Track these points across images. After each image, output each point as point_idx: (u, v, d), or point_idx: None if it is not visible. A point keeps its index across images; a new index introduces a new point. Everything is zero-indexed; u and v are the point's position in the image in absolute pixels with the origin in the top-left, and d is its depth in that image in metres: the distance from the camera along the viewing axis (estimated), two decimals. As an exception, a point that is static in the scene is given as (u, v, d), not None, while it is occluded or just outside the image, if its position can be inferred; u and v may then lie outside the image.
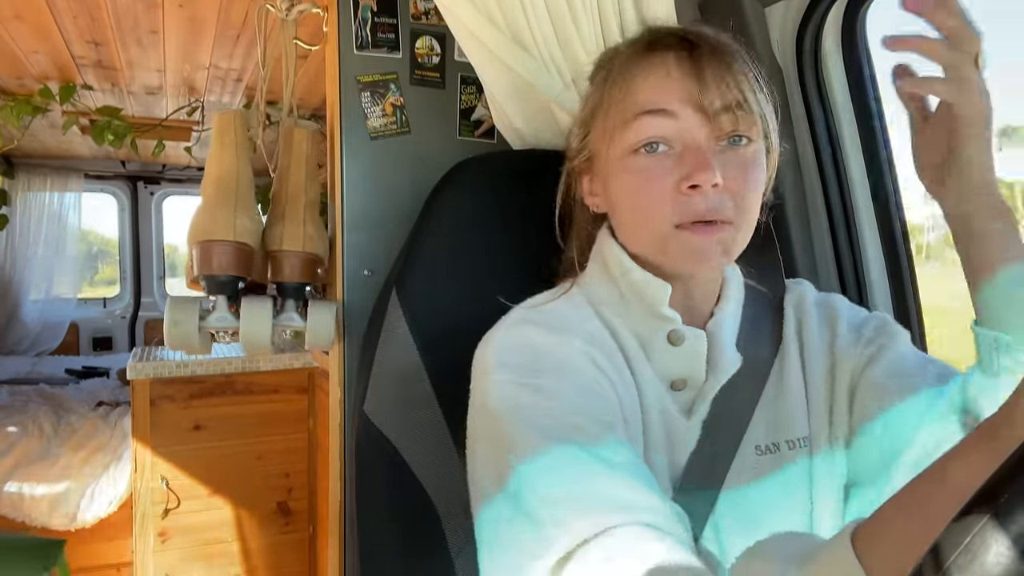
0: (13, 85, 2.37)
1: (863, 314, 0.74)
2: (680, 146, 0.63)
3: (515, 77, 0.88)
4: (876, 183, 1.02)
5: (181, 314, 1.00)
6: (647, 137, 0.63)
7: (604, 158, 0.68)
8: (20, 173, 3.57)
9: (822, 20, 0.99)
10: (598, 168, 0.70)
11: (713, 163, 0.60)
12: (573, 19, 0.89)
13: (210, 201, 1.03)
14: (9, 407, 2.60)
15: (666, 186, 0.62)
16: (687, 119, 0.62)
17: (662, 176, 0.62)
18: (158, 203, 4.02)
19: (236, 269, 1.02)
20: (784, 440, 0.69)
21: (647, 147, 0.63)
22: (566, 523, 0.48)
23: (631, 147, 0.64)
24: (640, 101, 0.63)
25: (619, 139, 0.65)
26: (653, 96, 0.63)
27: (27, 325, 3.65)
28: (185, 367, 2.26)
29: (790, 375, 0.71)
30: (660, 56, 0.64)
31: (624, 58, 0.67)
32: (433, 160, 1.05)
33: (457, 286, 0.86)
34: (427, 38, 1.08)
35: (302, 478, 2.46)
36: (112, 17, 1.81)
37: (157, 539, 2.28)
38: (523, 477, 0.52)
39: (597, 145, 0.69)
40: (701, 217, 0.61)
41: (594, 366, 0.62)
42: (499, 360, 0.61)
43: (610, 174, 0.67)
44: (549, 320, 0.65)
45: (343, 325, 1.07)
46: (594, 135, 0.69)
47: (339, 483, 1.09)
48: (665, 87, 0.63)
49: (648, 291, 0.66)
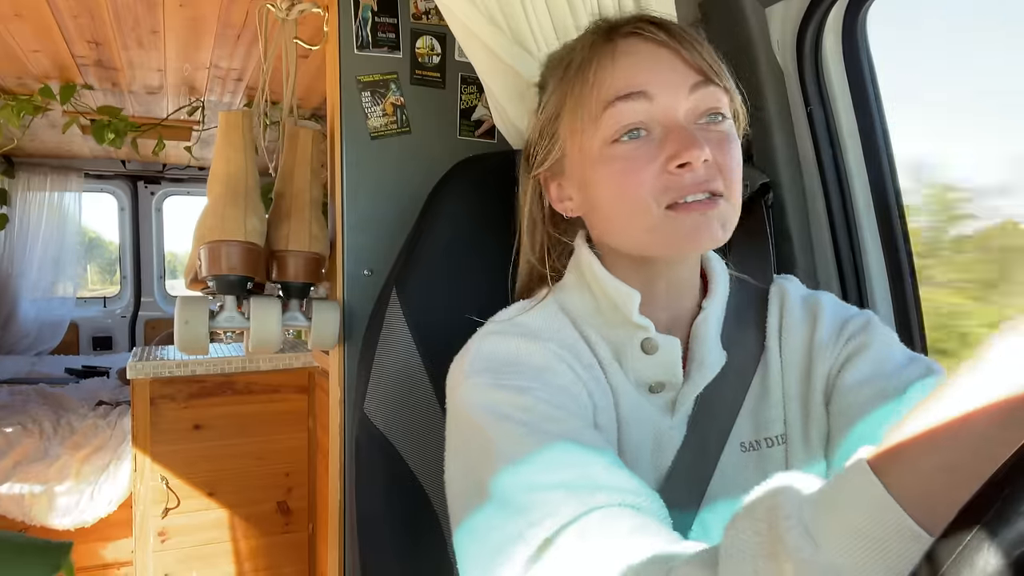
0: (13, 84, 2.37)
1: (848, 312, 0.71)
2: (659, 129, 0.61)
3: (515, 77, 0.88)
4: (876, 183, 1.02)
5: (192, 314, 1.00)
6: (625, 124, 0.61)
7: (577, 157, 0.66)
8: (20, 172, 3.58)
9: (823, 20, 0.99)
10: (570, 169, 0.68)
11: (700, 139, 0.59)
12: (574, 19, 0.89)
13: (219, 201, 1.03)
14: (9, 406, 2.60)
15: (652, 170, 0.60)
16: (664, 98, 0.61)
17: (646, 161, 0.61)
18: (158, 203, 4.02)
19: (246, 269, 1.02)
20: (764, 437, 0.68)
21: (627, 135, 0.61)
22: (552, 505, 0.48)
23: (608, 138, 0.62)
24: (610, 88, 0.61)
25: (593, 133, 0.63)
26: (625, 80, 0.61)
27: (25, 324, 3.65)
28: (185, 367, 2.26)
29: (772, 371, 0.70)
30: (624, 41, 0.63)
31: (583, 51, 0.65)
32: (433, 160, 1.05)
33: (457, 286, 0.86)
34: (427, 38, 1.08)
35: (302, 478, 2.46)
36: (112, 16, 1.81)
37: (157, 539, 2.28)
38: (506, 471, 0.52)
39: (566, 145, 0.67)
40: (694, 193, 0.60)
41: (570, 370, 0.62)
42: (472, 369, 0.61)
43: (586, 171, 0.65)
44: (523, 331, 0.65)
45: (343, 325, 1.07)
46: (562, 136, 0.67)
47: (339, 483, 1.09)
48: (636, 69, 0.61)
49: (619, 299, 0.66)
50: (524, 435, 0.53)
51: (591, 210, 0.67)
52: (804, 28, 1.00)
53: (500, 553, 0.48)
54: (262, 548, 2.43)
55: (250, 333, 1.02)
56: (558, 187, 0.70)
